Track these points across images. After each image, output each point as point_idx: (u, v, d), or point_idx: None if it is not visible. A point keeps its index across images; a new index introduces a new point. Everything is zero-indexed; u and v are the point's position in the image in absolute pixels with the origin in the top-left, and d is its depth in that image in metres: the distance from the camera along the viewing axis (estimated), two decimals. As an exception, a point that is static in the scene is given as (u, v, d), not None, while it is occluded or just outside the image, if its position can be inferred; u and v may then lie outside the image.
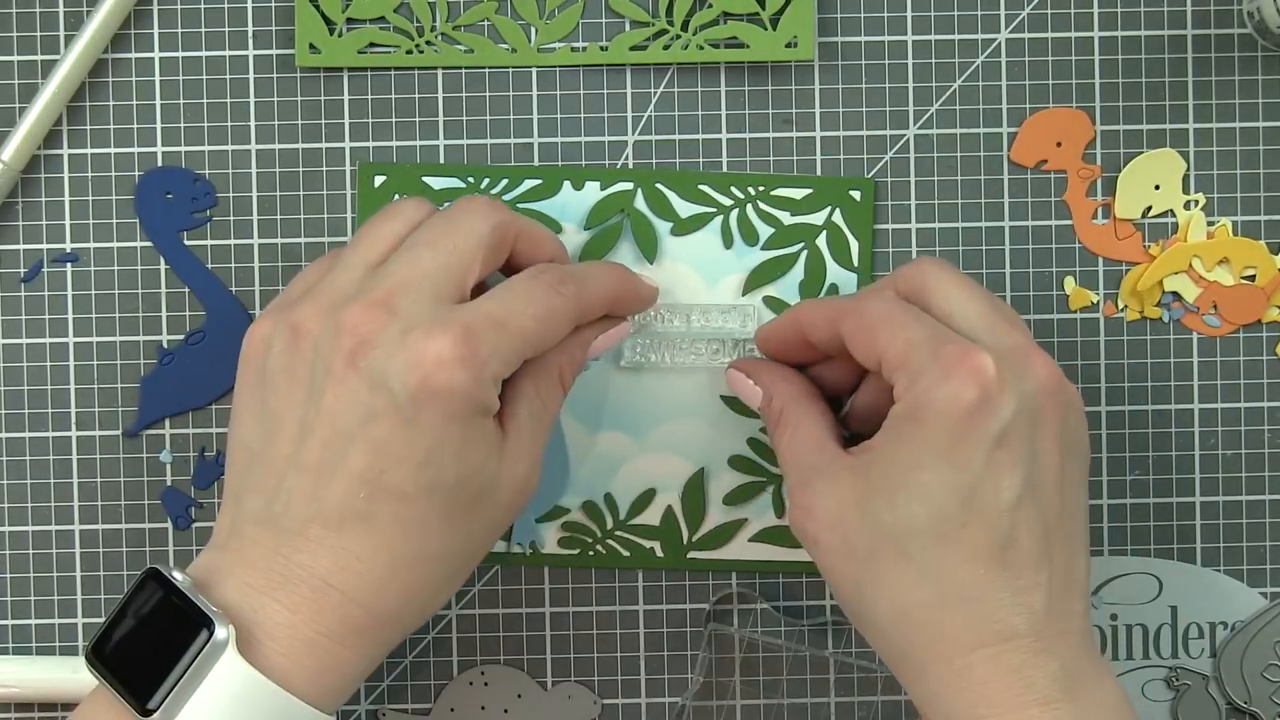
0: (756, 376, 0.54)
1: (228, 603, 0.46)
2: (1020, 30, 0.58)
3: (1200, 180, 0.58)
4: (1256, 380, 0.58)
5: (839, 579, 0.49)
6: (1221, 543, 0.58)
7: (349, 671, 0.47)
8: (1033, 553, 0.47)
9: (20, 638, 0.58)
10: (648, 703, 0.58)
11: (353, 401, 0.47)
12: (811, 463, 0.50)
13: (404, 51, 0.57)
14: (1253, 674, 0.58)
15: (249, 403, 0.49)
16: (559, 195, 0.58)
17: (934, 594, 0.47)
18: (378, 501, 0.47)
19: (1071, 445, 0.49)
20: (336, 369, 0.47)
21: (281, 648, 0.46)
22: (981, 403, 0.47)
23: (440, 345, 0.46)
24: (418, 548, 0.47)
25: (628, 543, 0.58)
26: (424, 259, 0.49)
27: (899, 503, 0.47)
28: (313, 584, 0.46)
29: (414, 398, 0.46)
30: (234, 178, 0.58)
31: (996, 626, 0.47)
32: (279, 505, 0.47)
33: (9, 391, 0.58)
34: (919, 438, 0.47)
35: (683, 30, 0.57)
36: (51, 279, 0.58)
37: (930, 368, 0.47)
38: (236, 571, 0.47)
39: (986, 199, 0.58)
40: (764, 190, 0.57)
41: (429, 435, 0.46)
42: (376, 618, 0.47)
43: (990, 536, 0.47)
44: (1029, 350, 0.49)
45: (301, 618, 0.46)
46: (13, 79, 0.58)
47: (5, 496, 0.58)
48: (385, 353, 0.47)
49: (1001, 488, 0.47)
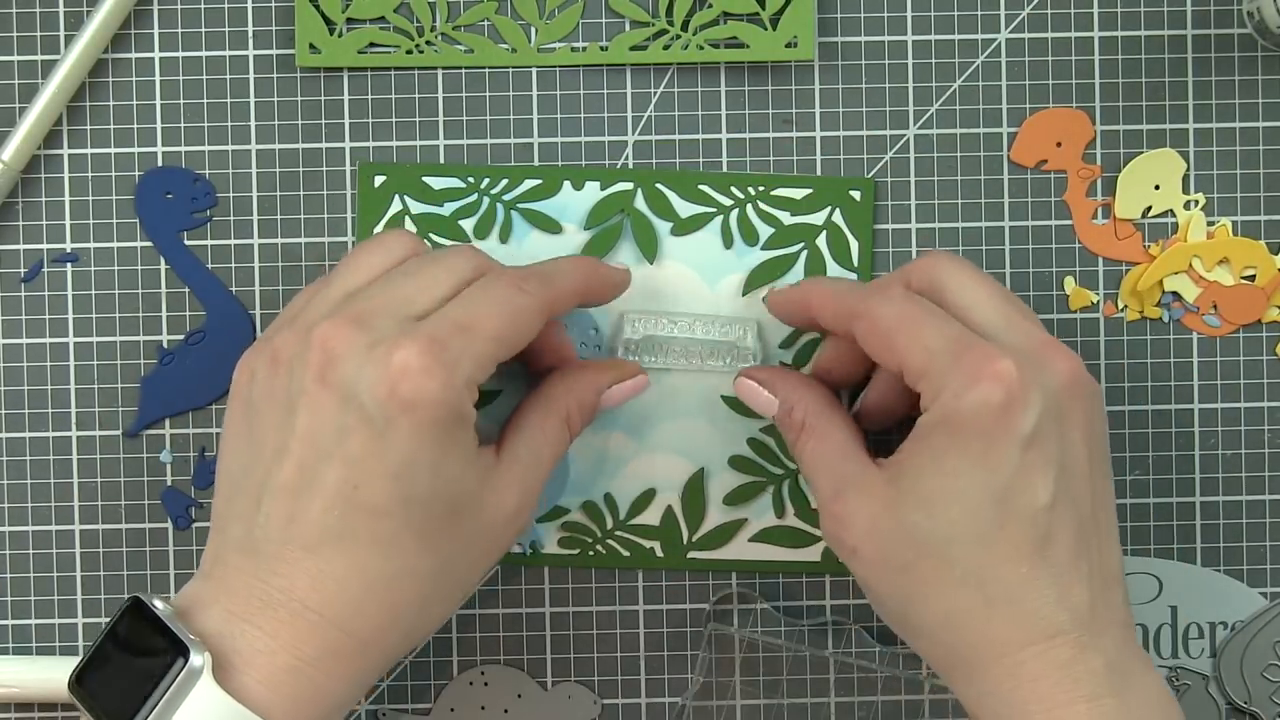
0: (772, 386, 0.54)
1: (208, 630, 0.46)
2: (1020, 30, 0.58)
3: (1200, 180, 0.58)
4: (1256, 380, 0.58)
5: (882, 589, 0.50)
6: (1221, 543, 0.58)
7: (329, 701, 0.47)
8: (1070, 548, 0.48)
9: (20, 638, 0.58)
10: (648, 703, 0.58)
11: (326, 419, 0.47)
12: (841, 472, 0.51)
13: (404, 51, 0.57)
14: (1253, 674, 0.58)
15: (236, 432, 0.49)
16: (559, 195, 0.58)
17: (979, 597, 0.47)
18: (352, 518, 0.46)
19: (1097, 437, 0.50)
20: (309, 386, 0.47)
21: (259, 675, 0.46)
22: (1008, 406, 0.47)
23: (406, 354, 0.46)
24: (394, 565, 0.47)
25: (628, 543, 0.58)
26: (401, 285, 0.49)
27: (936, 511, 0.48)
28: (291, 608, 0.46)
29: (384, 409, 0.46)
30: (234, 178, 0.58)
31: (1043, 624, 0.47)
32: (258, 530, 0.47)
33: (9, 391, 0.58)
34: (950, 446, 0.48)
35: (683, 30, 0.57)
36: (51, 279, 0.58)
37: (953, 376, 0.48)
38: (219, 599, 0.47)
39: (986, 199, 0.58)
40: (764, 190, 0.57)
41: (401, 447, 0.46)
42: (356, 640, 0.47)
43: (1029, 535, 0.47)
44: (1048, 346, 0.49)
45: (280, 643, 0.46)
46: (13, 79, 0.58)
47: (5, 496, 0.58)
48: (354, 366, 0.47)
49: (1035, 486, 0.47)
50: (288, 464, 0.47)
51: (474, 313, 0.48)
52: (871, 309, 0.50)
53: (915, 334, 0.49)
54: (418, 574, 0.48)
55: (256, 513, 0.47)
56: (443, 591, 0.49)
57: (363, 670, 0.48)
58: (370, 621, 0.47)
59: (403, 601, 0.48)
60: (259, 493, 0.47)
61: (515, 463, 0.50)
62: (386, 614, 0.47)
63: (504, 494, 0.49)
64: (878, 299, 0.50)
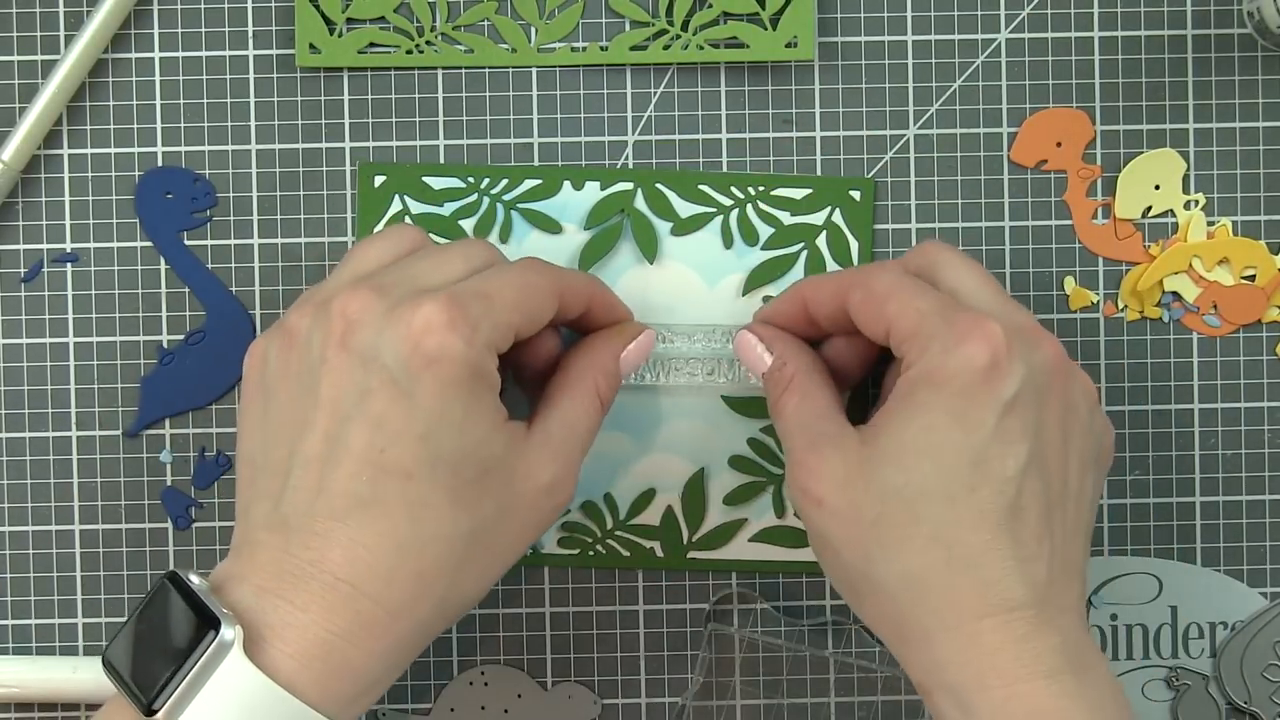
0: (769, 343, 0.54)
1: (240, 605, 0.46)
2: (1020, 30, 0.58)
3: (1200, 180, 0.58)
4: (1256, 380, 0.58)
5: (844, 544, 0.49)
6: (1221, 543, 0.58)
7: (362, 676, 0.46)
8: (1036, 524, 0.48)
9: (20, 638, 0.58)
10: (648, 703, 0.58)
11: (348, 383, 0.47)
12: (820, 429, 0.51)
13: (404, 51, 0.57)
14: (1253, 674, 0.58)
15: (252, 416, 0.49)
16: (559, 195, 0.58)
17: (943, 558, 0.47)
18: (381, 483, 0.46)
19: (1079, 427, 0.50)
20: (330, 355, 0.47)
21: (290, 649, 0.45)
22: (993, 367, 0.47)
23: (428, 311, 0.46)
24: (425, 529, 0.47)
25: (628, 543, 0.58)
26: (416, 264, 0.49)
27: (908, 464, 0.48)
28: (322, 580, 0.46)
29: (408, 367, 0.46)
30: (234, 178, 0.58)
31: (1003, 594, 0.47)
32: (286, 505, 0.47)
33: (9, 391, 0.58)
34: (930, 402, 0.48)
35: (683, 30, 0.57)
36: (51, 279, 0.58)
37: (943, 334, 0.48)
38: (249, 576, 0.47)
39: (986, 199, 0.58)
40: (764, 190, 0.57)
41: (427, 406, 0.46)
42: (389, 611, 0.46)
43: (998, 502, 0.47)
44: (1038, 330, 0.49)
45: (311, 616, 0.46)
46: (13, 79, 0.58)
47: (5, 496, 0.58)
48: (374, 330, 0.47)
49: (1008, 454, 0.47)
50: (312, 435, 0.47)
51: (491, 283, 0.49)
52: (867, 279, 0.51)
53: (908, 299, 0.49)
54: (450, 539, 0.47)
55: (284, 488, 0.47)
56: (477, 560, 0.49)
57: (395, 645, 0.47)
58: (401, 589, 0.46)
59: (434, 568, 0.47)
60: (286, 467, 0.47)
61: (549, 436, 0.50)
62: (418, 581, 0.47)
63: (536, 465, 0.49)
64: (873, 270, 0.51)
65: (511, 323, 0.49)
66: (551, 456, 0.50)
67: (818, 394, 0.52)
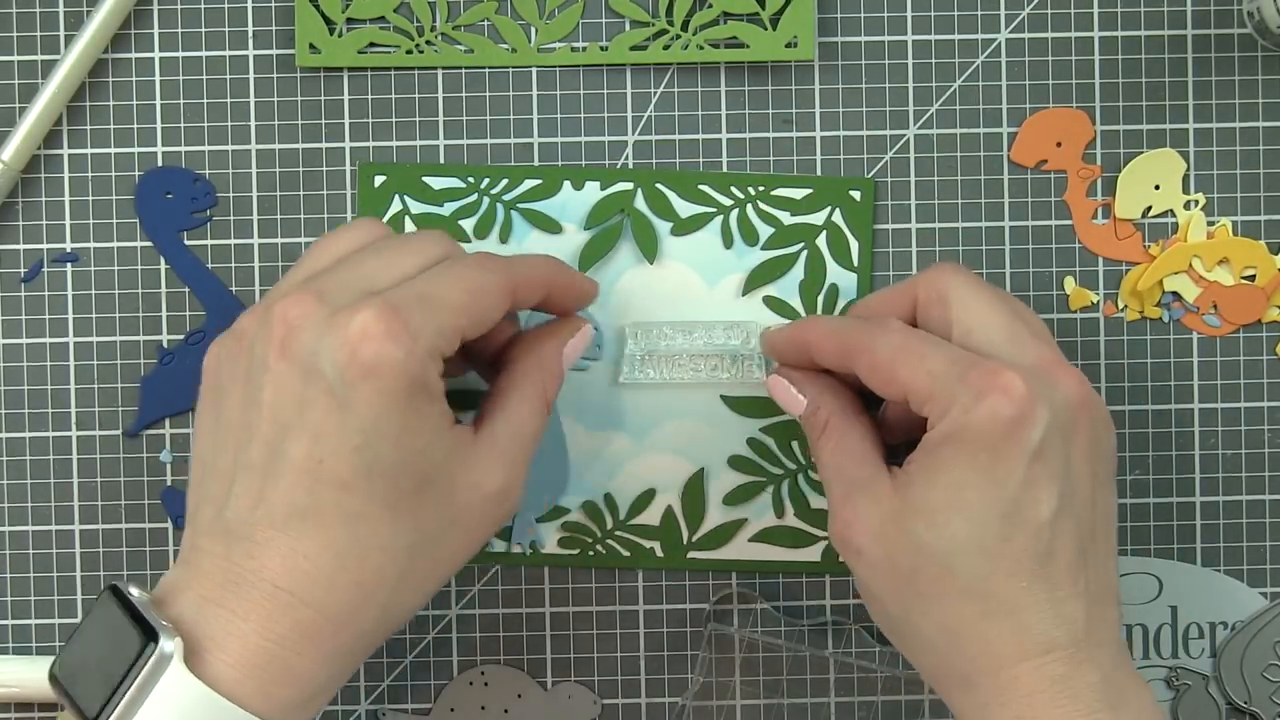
0: (802, 386, 0.53)
1: (182, 616, 0.46)
2: (1020, 30, 0.58)
3: (1200, 180, 0.58)
4: (1256, 380, 0.58)
5: (885, 596, 0.50)
6: (1221, 543, 0.58)
7: (305, 684, 0.46)
8: (1070, 564, 0.48)
9: (20, 638, 0.58)
10: (648, 703, 0.58)
11: (288, 391, 0.46)
12: (853, 475, 0.51)
13: (404, 51, 0.57)
14: (1253, 674, 0.58)
15: (206, 418, 0.49)
16: (559, 195, 0.58)
17: (979, 610, 0.47)
18: (319, 493, 0.46)
19: (1102, 456, 0.50)
20: (270, 361, 0.47)
21: (231, 659, 0.45)
22: (1018, 418, 0.47)
23: (365, 318, 0.46)
24: (364, 540, 0.46)
25: (628, 543, 0.58)
26: (365, 262, 0.49)
27: (939, 523, 0.48)
28: (262, 589, 0.46)
29: (344, 376, 0.45)
30: (234, 178, 0.58)
31: (1038, 638, 0.47)
32: (229, 511, 0.47)
33: (9, 391, 0.58)
34: (956, 460, 0.48)
35: (683, 30, 0.57)
36: (51, 279, 0.58)
37: (960, 393, 0.48)
38: (193, 585, 0.46)
39: (986, 199, 0.58)
40: (764, 190, 0.57)
41: (364, 415, 0.46)
42: (330, 620, 0.46)
43: (1033, 548, 0.47)
44: (1054, 365, 0.49)
45: (252, 625, 0.45)
46: (13, 79, 0.58)
47: (5, 496, 0.58)
48: (314, 336, 0.46)
49: (1040, 500, 0.47)
50: (255, 443, 0.47)
51: (437, 286, 0.48)
52: (870, 344, 0.50)
53: (916, 362, 0.49)
54: (390, 550, 0.47)
55: (228, 495, 0.47)
56: (420, 569, 0.48)
57: (337, 652, 0.47)
58: (342, 598, 0.46)
59: (375, 578, 0.47)
60: (230, 475, 0.47)
61: (495, 441, 0.49)
62: (359, 591, 0.47)
63: (483, 471, 0.49)
64: (876, 333, 0.50)
65: (457, 326, 0.48)
66: (499, 462, 0.49)
67: (852, 434, 0.52)
